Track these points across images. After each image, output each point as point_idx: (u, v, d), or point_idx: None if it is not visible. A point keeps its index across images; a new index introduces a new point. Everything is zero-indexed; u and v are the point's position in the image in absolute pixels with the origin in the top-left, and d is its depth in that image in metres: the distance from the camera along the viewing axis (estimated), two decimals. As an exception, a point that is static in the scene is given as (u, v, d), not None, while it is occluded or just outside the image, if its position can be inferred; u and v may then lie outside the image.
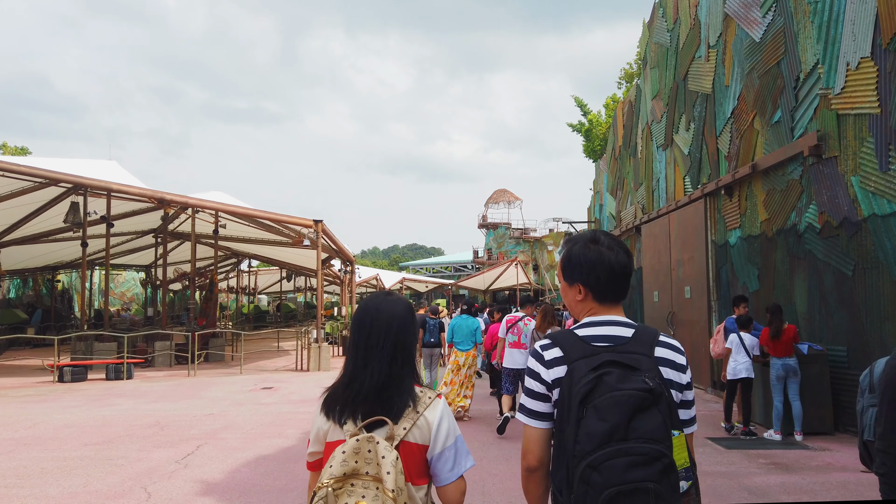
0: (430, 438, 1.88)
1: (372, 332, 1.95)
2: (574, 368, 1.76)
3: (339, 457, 1.75)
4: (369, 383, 1.89)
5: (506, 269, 51.52)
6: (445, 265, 75.08)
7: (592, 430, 1.64)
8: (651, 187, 15.17)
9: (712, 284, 11.37)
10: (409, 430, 1.85)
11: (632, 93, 17.29)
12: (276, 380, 14.57)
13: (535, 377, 1.86)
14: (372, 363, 1.91)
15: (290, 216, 15.99)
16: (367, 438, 1.76)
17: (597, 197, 21.76)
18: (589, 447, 1.63)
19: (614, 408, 1.64)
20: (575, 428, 1.68)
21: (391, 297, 2.07)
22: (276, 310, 50.79)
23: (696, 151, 12.23)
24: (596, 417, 1.65)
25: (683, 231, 12.67)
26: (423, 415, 1.89)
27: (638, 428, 1.63)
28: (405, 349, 1.97)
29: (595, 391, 1.68)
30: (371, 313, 1.99)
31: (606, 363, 1.72)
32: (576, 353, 1.80)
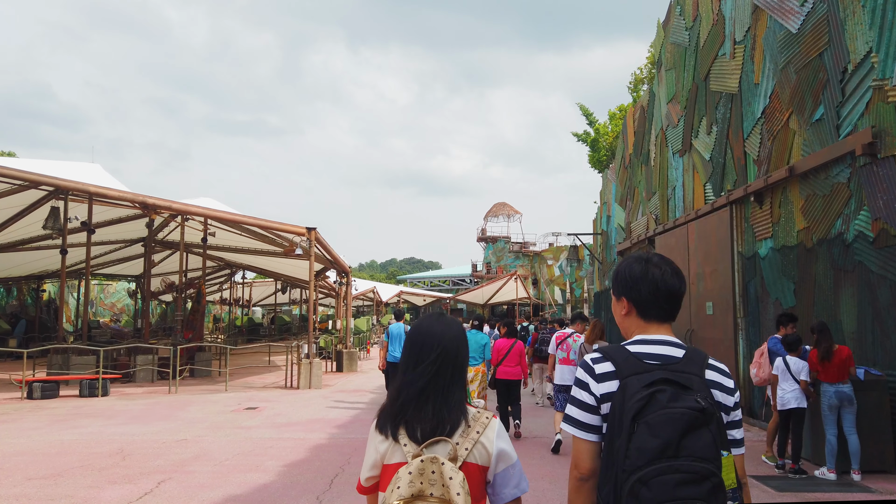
0: (491, 459, 1.90)
1: (423, 350, 1.99)
2: (627, 384, 1.78)
3: (406, 478, 1.77)
4: (421, 400, 1.92)
5: (505, 283, 50.59)
6: (443, 279, 74.05)
7: (644, 446, 1.66)
8: (666, 196, 14.23)
9: (739, 300, 10.40)
10: (470, 451, 1.87)
11: (643, 97, 16.41)
12: (263, 399, 13.51)
13: (584, 388, 1.88)
14: (426, 382, 1.94)
15: (281, 223, 15.02)
16: (430, 459, 1.79)
17: (604, 208, 20.83)
18: (640, 462, 1.65)
19: (667, 425, 1.66)
20: (626, 443, 1.70)
21: (444, 319, 2.10)
22: (271, 322, 49.71)
23: (720, 156, 11.31)
24: (648, 433, 1.67)
25: (705, 242, 11.72)
26: (484, 434, 1.91)
27: (689, 446, 1.65)
28: (458, 369, 2.01)
29: (648, 407, 1.71)
30: (424, 334, 2.03)
31: (660, 381, 1.74)
32: (628, 369, 1.82)
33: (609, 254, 19.92)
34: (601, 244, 21.13)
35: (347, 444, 8.58)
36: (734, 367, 10.38)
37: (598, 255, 21.23)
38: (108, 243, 25.60)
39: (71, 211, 17.20)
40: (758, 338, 9.90)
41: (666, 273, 1.96)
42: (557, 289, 58.60)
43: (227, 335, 40.09)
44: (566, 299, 57.53)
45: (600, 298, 21.23)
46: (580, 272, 56.87)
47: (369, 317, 41.96)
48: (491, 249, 63.63)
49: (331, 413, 11.45)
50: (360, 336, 28.92)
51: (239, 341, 37.52)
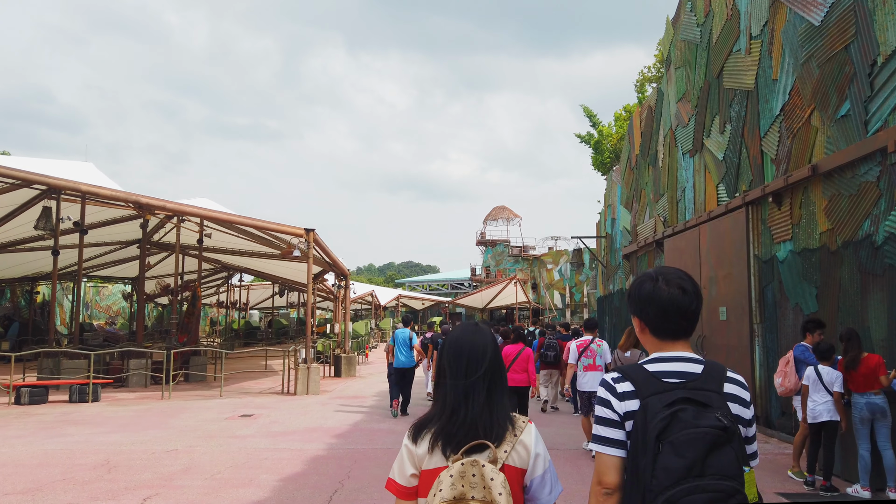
0: (529, 462, 1.94)
1: (470, 362, 2.02)
2: (648, 404, 1.81)
3: (448, 481, 1.81)
4: (473, 413, 1.95)
5: (504, 287, 50.19)
6: (442, 282, 73.60)
7: (670, 466, 1.69)
8: (675, 198, 13.83)
9: (755, 306, 9.98)
10: (509, 454, 1.91)
11: (651, 97, 16.02)
12: (259, 405, 13.06)
13: (607, 406, 1.91)
14: (473, 393, 1.98)
15: (278, 224, 14.60)
16: (471, 462, 1.83)
17: (608, 211, 20.42)
18: (667, 482, 1.68)
19: (691, 444, 1.70)
20: (652, 463, 1.73)
21: (480, 329, 2.13)
22: (268, 326, 49.26)
23: (734, 156, 10.90)
24: (673, 453, 1.70)
25: (717, 245, 11.31)
26: (521, 439, 1.95)
27: (713, 465, 1.68)
28: (500, 375, 2.06)
29: (671, 427, 1.74)
30: (466, 345, 2.06)
31: (680, 400, 1.78)
32: (648, 389, 1.85)
33: (614, 257, 19.52)
34: (605, 247, 20.72)
35: (347, 456, 8.14)
36: (749, 374, 9.96)
37: (602, 259, 20.82)
38: (102, 245, 25.14)
39: (64, 211, 16.76)
40: (775, 345, 9.48)
41: (674, 292, 1.96)
42: (557, 293, 58.20)
43: (224, 339, 39.63)
44: (566, 303, 57.15)
45: (604, 303, 20.82)
46: (580, 276, 56.50)
47: (368, 321, 41.51)
48: (490, 253, 63.20)
49: (329, 421, 11.00)
50: (358, 340, 28.47)
51: (236, 345, 37.12)
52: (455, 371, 2.02)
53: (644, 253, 16.09)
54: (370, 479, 6.85)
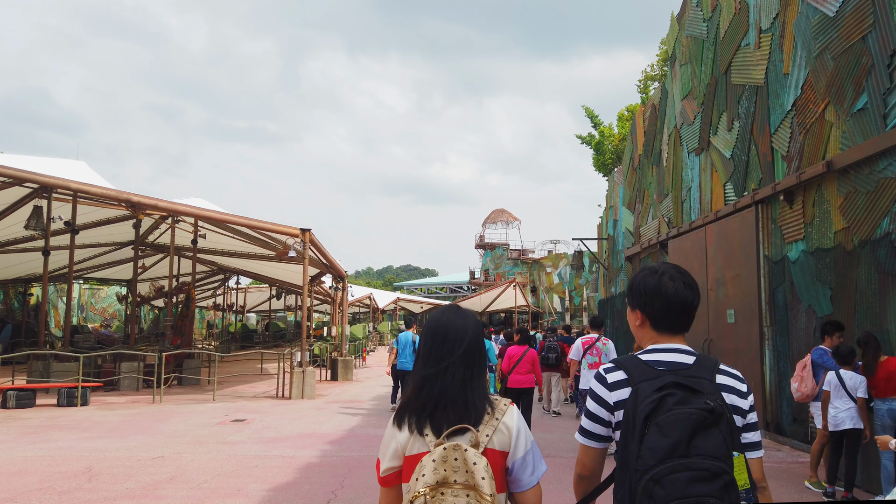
0: (511, 444, 1.92)
1: (446, 342, 1.99)
2: (638, 389, 1.86)
3: (430, 465, 1.79)
4: (448, 392, 1.93)
5: (503, 290, 49.89)
6: (441, 286, 73.24)
7: (655, 446, 1.72)
8: (680, 198, 13.50)
9: (765, 308, 9.64)
10: (490, 437, 1.89)
11: (655, 95, 15.71)
12: (252, 409, 12.69)
13: (597, 400, 1.99)
14: (447, 372, 1.95)
15: (273, 223, 14.24)
16: (453, 447, 1.81)
17: (610, 212, 20.08)
18: (651, 461, 1.71)
19: (676, 425, 1.72)
20: (638, 444, 1.76)
21: (461, 311, 2.11)
22: (265, 329, 48.86)
23: (742, 154, 10.58)
24: (658, 434, 1.73)
25: (725, 245, 10.98)
26: (503, 421, 1.93)
27: (699, 445, 1.70)
28: (479, 357, 2.02)
29: (658, 410, 1.77)
30: (444, 325, 2.03)
31: (670, 385, 1.82)
32: (639, 375, 1.90)
33: (616, 259, 19.18)
34: (607, 249, 20.39)
35: (341, 464, 7.78)
36: (759, 378, 9.61)
37: (604, 261, 20.48)
38: (96, 246, 24.77)
39: (55, 210, 16.40)
40: (787, 348, 9.14)
41: (679, 287, 2.00)
42: (556, 297, 57.82)
43: (221, 341, 39.24)
44: (565, 307, 56.72)
45: (605, 306, 20.48)
46: (579, 280, 56.17)
47: (365, 324, 41.14)
48: (489, 256, 62.89)
49: (324, 426, 10.64)
50: (356, 343, 28.11)
51: (232, 348, 36.72)
52: (432, 350, 2.00)
53: (647, 255, 15.76)
54: (364, 488, 6.49)
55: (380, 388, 17.28)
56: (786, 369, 9.21)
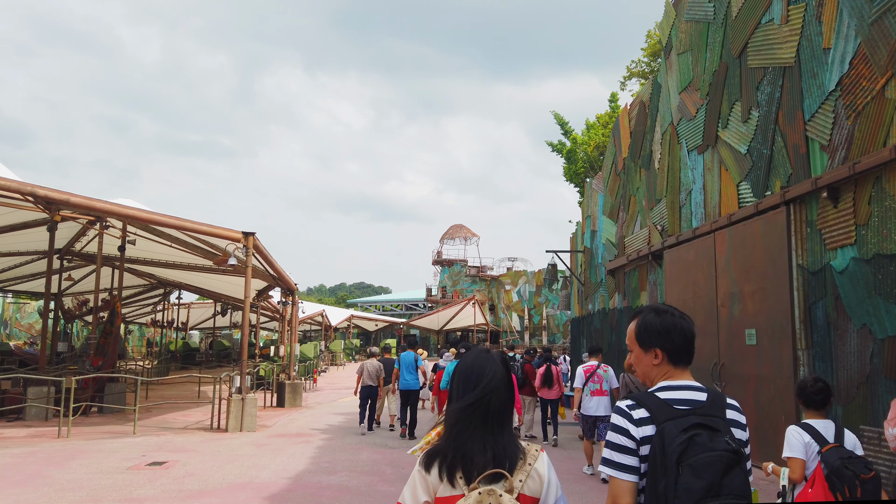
0: (543, 491, 1.95)
1: (478, 387, 2.01)
2: (664, 429, 1.96)
3: None
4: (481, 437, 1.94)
5: (462, 307, 48.24)
6: (396, 303, 71.07)
7: (691, 487, 1.85)
8: (677, 203, 12.00)
9: (799, 327, 8.09)
10: (524, 483, 1.91)
11: (644, 91, 14.28)
12: (178, 447, 10.51)
13: (622, 433, 2.03)
14: (485, 421, 1.96)
15: (210, 226, 12.15)
16: (488, 492, 1.83)
17: (587, 222, 18.56)
18: (688, 502, 1.83)
19: (709, 467, 1.87)
20: (673, 484, 1.88)
21: (491, 356, 2.13)
22: (209, 347, 45.91)
23: (763, 147, 9.11)
24: (693, 475, 1.86)
25: (742, 254, 9.45)
26: (535, 467, 1.96)
27: (728, 485, 1.86)
28: (510, 402, 2.06)
29: (689, 451, 1.90)
30: (478, 371, 2.06)
31: (695, 426, 1.95)
32: (662, 414, 2.00)
33: (594, 274, 17.63)
34: (583, 263, 18.84)
35: (282, 534, 5.78)
36: (793, 413, 8.03)
37: (580, 276, 18.92)
38: (12, 255, 22.01)
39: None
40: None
41: (688, 322, 2.19)
42: (515, 315, 56.39)
43: (159, 361, 36.27)
44: (524, 326, 55.38)
45: (581, 325, 18.88)
46: (539, 298, 54.93)
47: (317, 342, 38.71)
48: (447, 273, 61.16)
49: (263, 472, 8.59)
50: (306, 364, 25.84)
51: (172, 368, 33.95)
52: (464, 395, 2.03)
53: (634, 267, 14.22)
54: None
55: (333, 417, 15.20)
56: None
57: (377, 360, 12.99)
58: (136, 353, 52.90)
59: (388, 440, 11.71)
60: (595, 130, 23.45)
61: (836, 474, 3.57)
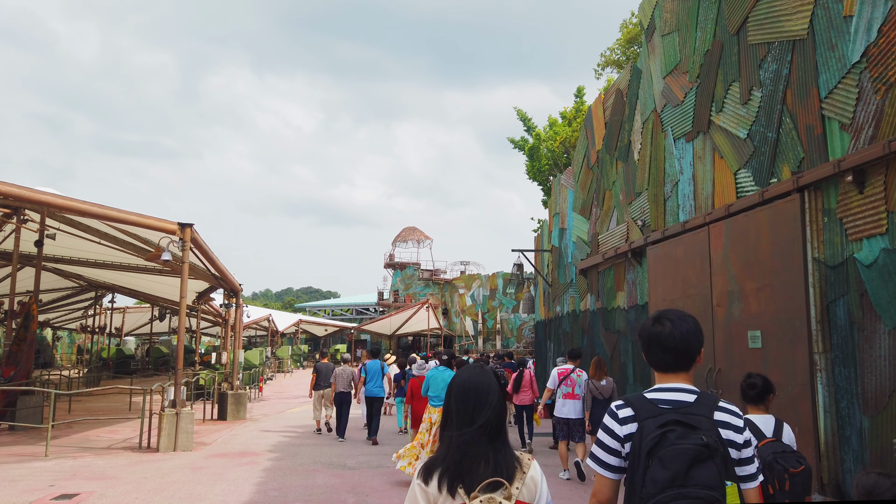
0: (536, 496, 2.08)
1: (476, 402, 2.12)
2: (644, 426, 2.15)
3: None
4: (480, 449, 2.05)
5: (415, 311, 46.93)
6: (346, 307, 69.22)
7: (656, 477, 2.01)
8: (662, 195, 11.12)
9: (816, 328, 7.21)
10: (520, 490, 2.03)
11: (621, 79, 13.41)
12: (96, 472, 8.96)
13: (609, 433, 2.25)
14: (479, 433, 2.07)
15: (140, 215, 10.59)
16: (488, 499, 1.96)
17: (556, 220, 17.62)
18: (653, 490, 2.01)
19: (675, 458, 2.02)
20: (642, 475, 2.06)
21: (485, 371, 2.24)
22: (146, 354, 43.34)
23: (767, 130, 8.25)
24: (660, 466, 2.03)
25: (743, 249, 8.56)
26: (529, 474, 2.08)
27: (695, 476, 1.99)
28: (503, 416, 2.16)
29: (660, 445, 2.07)
30: (472, 384, 2.17)
31: (671, 422, 2.11)
32: (645, 412, 2.19)
33: (563, 274, 16.70)
34: (550, 263, 17.90)
35: None
36: (809, 424, 7.14)
37: (548, 276, 17.97)
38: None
39: None
40: (853, 383, 6.72)
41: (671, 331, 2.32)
42: (469, 319, 55.44)
43: (89, 370, 33.75)
44: (478, 330, 54.50)
45: (548, 328, 17.93)
46: (493, 302, 54.15)
47: (263, 348, 36.81)
48: (399, 276, 59.75)
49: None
50: (251, 372, 24.13)
51: (104, 377, 31.60)
52: (462, 412, 2.12)
53: (610, 266, 13.31)
54: None
55: (281, 431, 13.75)
56: (850, 411, 6.78)
57: (349, 366, 13.23)
58: (66, 362, 49.66)
59: (346, 458, 10.40)
60: (559, 126, 22.62)
61: (768, 468, 3.73)
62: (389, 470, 9.32)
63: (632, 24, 20.57)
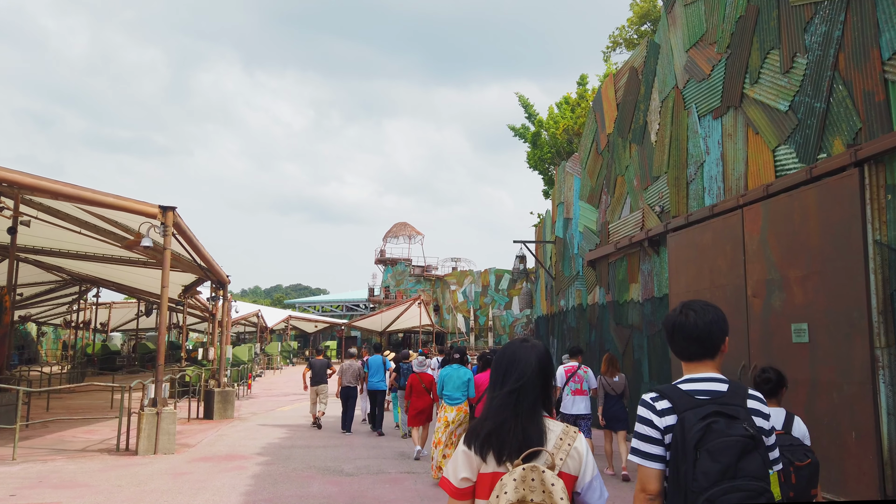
0: (581, 469, 2.07)
1: (515, 372, 2.16)
2: (684, 418, 2.13)
3: (511, 484, 1.93)
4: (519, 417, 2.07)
5: (407, 308, 46.05)
6: (337, 303, 68.18)
7: (708, 470, 2.00)
8: (684, 178, 10.31)
9: (877, 319, 6.41)
10: (564, 461, 2.04)
11: (635, 56, 12.58)
12: (66, 479, 8.03)
13: (648, 424, 2.22)
14: (523, 402, 2.10)
15: (118, 197, 9.64)
16: (531, 468, 1.96)
17: (560, 210, 16.78)
18: (706, 484, 1.99)
19: (725, 451, 2.02)
20: (692, 468, 2.03)
21: (530, 343, 2.27)
22: (132, 350, 42.25)
23: (815, 100, 7.44)
24: (710, 459, 2.01)
25: (787, 231, 7.75)
26: (574, 446, 2.07)
27: (744, 468, 2.00)
28: (547, 385, 2.20)
29: (706, 437, 2.05)
30: (517, 356, 2.20)
31: (713, 413, 2.10)
32: (683, 404, 2.17)
33: (568, 266, 15.87)
34: (553, 255, 17.07)
35: None
36: (870, 428, 6.35)
37: (551, 269, 17.13)
38: None
39: None
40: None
41: (693, 319, 2.30)
42: (461, 316, 54.60)
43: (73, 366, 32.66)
44: (470, 327, 53.67)
45: (551, 323, 17.11)
46: (485, 298, 53.34)
47: (252, 345, 35.81)
48: (390, 272, 58.79)
49: (177, 518, 6.29)
50: (239, 369, 23.18)
51: (88, 373, 30.56)
52: (503, 381, 2.17)
53: (622, 256, 12.49)
54: None
55: (271, 431, 12.86)
56: (919, 413, 5.98)
57: (355, 360, 13.32)
58: (51, 357, 48.42)
59: (343, 462, 9.52)
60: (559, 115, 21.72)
61: None
62: (392, 475, 8.47)
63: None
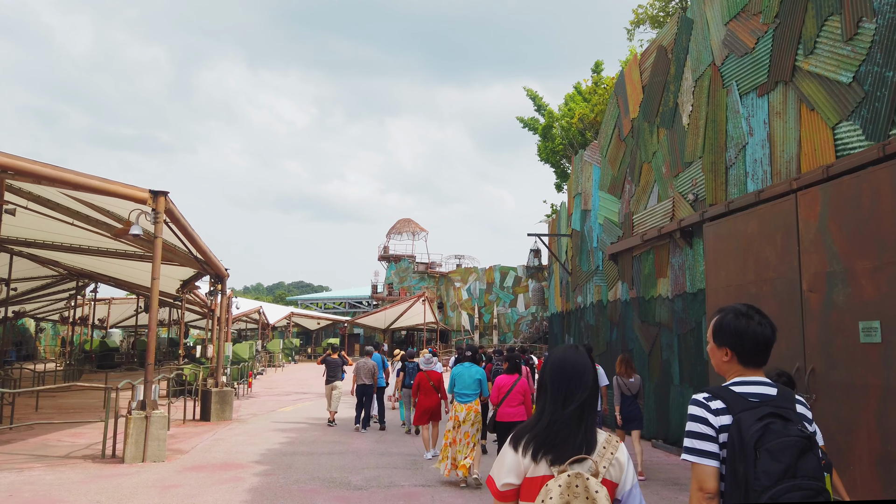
0: (622, 477, 2.11)
1: (571, 379, 2.21)
2: (741, 419, 2.15)
3: (556, 490, 1.99)
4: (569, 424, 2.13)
5: (411, 305, 45.21)
6: (339, 300, 67.37)
7: (769, 469, 2.02)
8: (722, 163, 9.44)
9: (970, 316, 5.55)
10: (608, 469, 2.09)
11: (664, 33, 11.70)
12: (41, 491, 7.20)
13: (703, 422, 2.23)
14: (588, 413, 2.17)
15: (104, 180, 8.80)
16: (576, 475, 2.02)
17: (577, 201, 15.91)
18: (768, 483, 2.01)
19: (785, 451, 2.05)
20: (753, 467, 2.05)
21: (579, 350, 2.31)
22: (131, 347, 41.49)
23: (886, 69, 6.58)
24: (770, 459, 2.04)
25: (854, 218, 6.89)
26: (616, 456, 2.12)
27: (803, 468, 2.03)
28: (595, 396, 2.24)
29: (765, 437, 2.08)
30: (570, 363, 2.25)
31: (769, 415, 2.13)
32: (738, 406, 2.20)
33: (585, 260, 15.01)
34: (570, 249, 16.20)
35: None
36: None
37: (566, 263, 16.26)
38: None
39: None
40: None
41: (765, 328, 2.32)
42: (465, 313, 53.74)
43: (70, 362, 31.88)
44: (474, 325, 52.80)
45: (567, 320, 16.24)
46: (489, 296, 52.47)
47: (253, 342, 35.01)
48: (394, 269, 57.93)
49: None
50: (240, 367, 22.36)
51: (86, 370, 29.83)
52: (557, 392, 2.20)
53: (648, 249, 11.63)
54: None
55: (271, 436, 12.01)
56: None
57: (370, 358, 13.37)
58: (49, 354, 47.69)
59: (350, 472, 8.68)
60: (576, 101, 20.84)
61: None
62: (406, 490, 7.62)
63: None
